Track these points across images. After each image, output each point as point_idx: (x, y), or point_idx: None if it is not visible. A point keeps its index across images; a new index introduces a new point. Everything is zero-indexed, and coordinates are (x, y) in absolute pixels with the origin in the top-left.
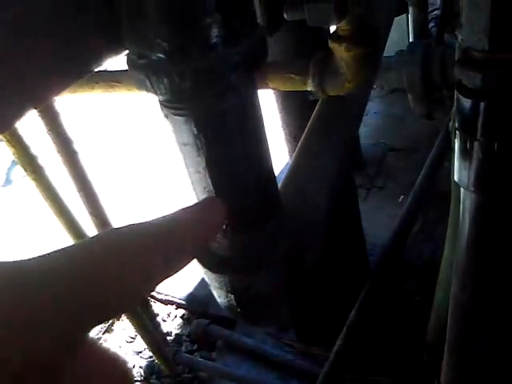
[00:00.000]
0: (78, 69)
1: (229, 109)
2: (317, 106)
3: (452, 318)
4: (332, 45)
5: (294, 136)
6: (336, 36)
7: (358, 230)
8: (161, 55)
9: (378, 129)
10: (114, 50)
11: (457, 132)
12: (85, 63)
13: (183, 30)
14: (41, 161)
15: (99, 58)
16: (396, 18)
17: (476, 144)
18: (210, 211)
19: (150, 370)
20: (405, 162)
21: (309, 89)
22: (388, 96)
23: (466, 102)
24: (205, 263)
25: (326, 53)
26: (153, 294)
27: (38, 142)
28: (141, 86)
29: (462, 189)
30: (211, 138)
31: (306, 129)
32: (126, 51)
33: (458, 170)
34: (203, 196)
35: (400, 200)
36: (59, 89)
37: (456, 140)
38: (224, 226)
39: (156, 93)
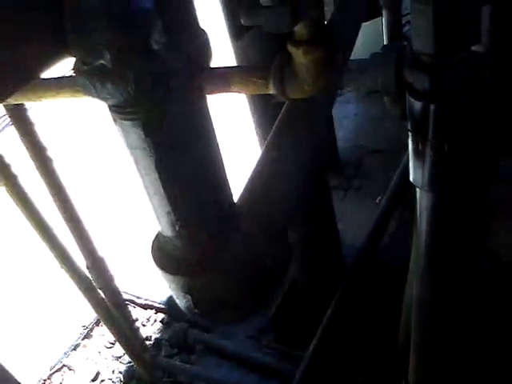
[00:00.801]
0: (23, 74)
1: (173, 112)
2: (282, 110)
3: (415, 318)
4: (290, 49)
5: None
6: (293, 40)
7: (332, 231)
8: (103, 61)
9: (356, 131)
10: (60, 55)
11: (409, 134)
12: (30, 68)
13: (124, 37)
14: (14, 169)
15: (45, 64)
16: (372, 21)
17: (428, 145)
18: None
19: (129, 374)
20: (383, 164)
21: (271, 92)
22: (366, 98)
23: (417, 105)
24: (161, 265)
25: (286, 57)
26: (132, 298)
27: (13, 151)
28: (86, 91)
29: (417, 189)
30: (158, 141)
31: (271, 132)
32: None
33: (413, 171)
34: (156, 199)
35: (377, 201)
36: (2, 96)
37: (409, 141)
38: (177, 227)
39: (101, 98)
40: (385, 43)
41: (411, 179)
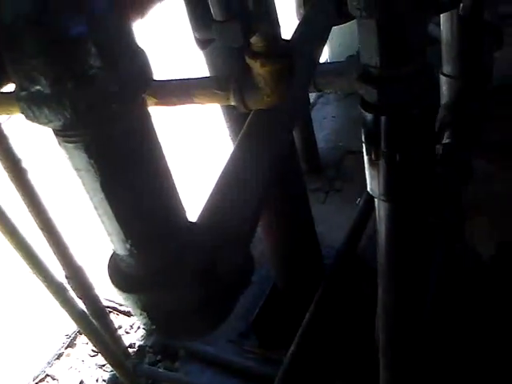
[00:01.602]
0: None
1: (115, 134)
2: (247, 119)
3: (381, 319)
4: (248, 61)
5: None
6: (251, 52)
7: (311, 234)
8: (39, 87)
9: (336, 132)
10: (1, 82)
11: (363, 144)
12: None
13: (58, 63)
14: None
15: None
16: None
17: (381, 155)
18: None
19: (113, 382)
20: (363, 165)
21: (232, 103)
22: (345, 100)
23: (368, 117)
24: (116, 283)
25: (245, 68)
26: (115, 306)
27: None
28: (26, 116)
29: (375, 198)
30: (102, 163)
31: (236, 141)
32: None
33: (369, 181)
34: (105, 218)
35: (357, 202)
36: None
37: (364, 152)
38: (128, 246)
39: (40, 123)
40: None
41: (368, 189)
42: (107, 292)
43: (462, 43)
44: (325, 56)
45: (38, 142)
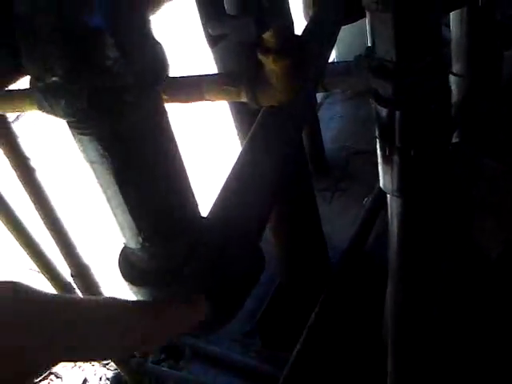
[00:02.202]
0: None
1: (130, 127)
2: (258, 116)
3: (390, 319)
4: (260, 57)
5: None
6: (263, 48)
7: (317, 233)
8: (55, 78)
9: (343, 132)
10: (16, 74)
11: (377, 140)
12: None
13: (75, 54)
14: None
15: (1, 84)
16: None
17: (395, 151)
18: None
19: (117, 381)
20: (369, 165)
21: (243, 100)
22: (352, 100)
23: (383, 111)
24: (127, 277)
25: (258, 64)
26: None
27: None
28: (41, 107)
29: (387, 195)
30: (117, 155)
31: (247, 138)
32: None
33: (382, 177)
34: (118, 211)
35: (364, 202)
36: None
37: (377, 148)
38: (140, 239)
39: (56, 115)
40: (369, 44)
41: (381, 185)
42: (113, 291)
43: (472, 42)
44: (332, 56)
45: (46, 142)
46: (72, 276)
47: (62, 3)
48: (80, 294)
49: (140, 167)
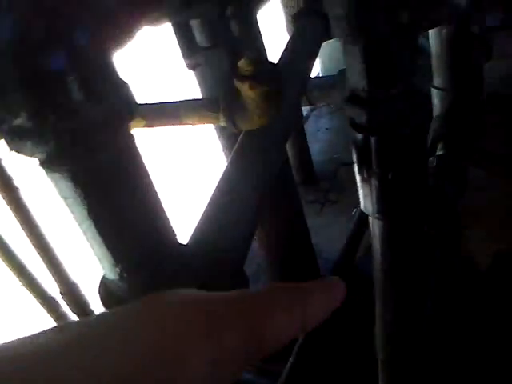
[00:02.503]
0: None
1: (100, 164)
2: (239, 139)
3: (379, 337)
4: (237, 84)
5: None
6: (239, 76)
7: (307, 247)
8: (20, 121)
9: (330, 144)
10: None
11: (355, 164)
12: None
13: (38, 97)
14: None
15: None
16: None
17: (373, 175)
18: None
19: None
20: None
21: (222, 124)
22: (338, 112)
23: (359, 137)
24: (106, 306)
25: (234, 89)
26: None
27: None
28: (10, 148)
29: (369, 216)
30: (89, 192)
31: (228, 161)
32: None
33: (363, 199)
34: (94, 244)
35: (353, 213)
36: None
37: (355, 171)
38: (118, 270)
39: (25, 155)
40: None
41: (362, 207)
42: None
43: (451, 56)
44: (316, 70)
45: (29, 161)
46: (61, 294)
47: (22, 46)
48: (69, 312)
49: (113, 202)
